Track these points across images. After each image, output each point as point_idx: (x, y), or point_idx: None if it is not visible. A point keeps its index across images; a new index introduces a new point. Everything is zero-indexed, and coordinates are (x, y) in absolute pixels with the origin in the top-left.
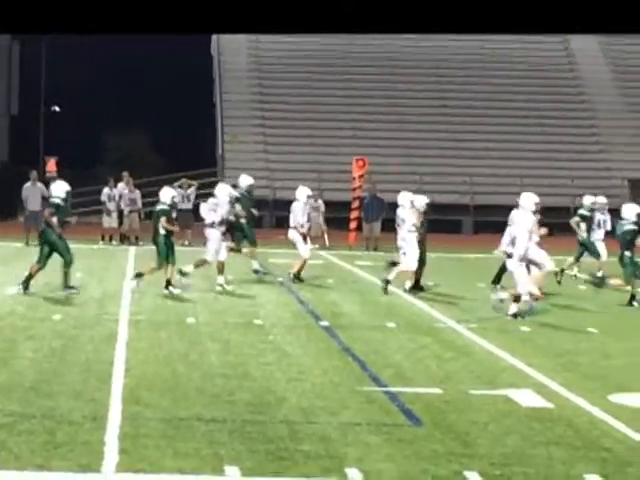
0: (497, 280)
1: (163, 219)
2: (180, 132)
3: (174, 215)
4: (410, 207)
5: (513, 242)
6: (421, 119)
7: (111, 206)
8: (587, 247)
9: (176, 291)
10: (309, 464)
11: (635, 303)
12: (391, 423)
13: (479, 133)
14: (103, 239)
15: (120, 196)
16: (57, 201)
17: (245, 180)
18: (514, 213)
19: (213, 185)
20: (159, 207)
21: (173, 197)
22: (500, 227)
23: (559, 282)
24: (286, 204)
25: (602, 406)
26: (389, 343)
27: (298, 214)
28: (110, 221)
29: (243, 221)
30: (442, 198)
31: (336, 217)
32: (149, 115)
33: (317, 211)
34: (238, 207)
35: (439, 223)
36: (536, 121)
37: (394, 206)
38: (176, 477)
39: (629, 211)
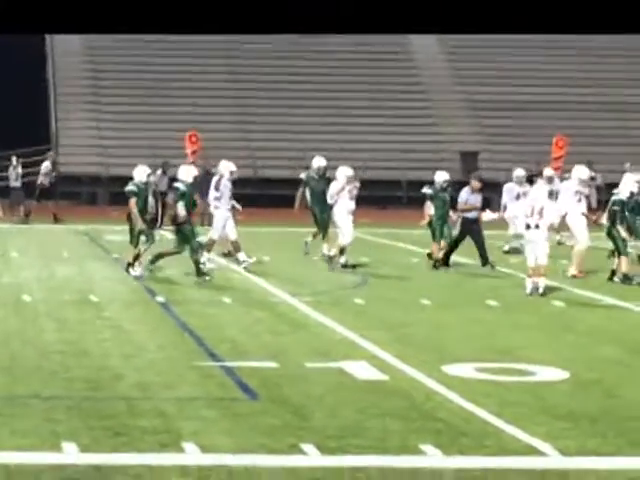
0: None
1: None
2: (11, 109)
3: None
4: (346, 181)
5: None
6: (256, 94)
7: None
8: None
9: (136, 273)
10: (146, 439)
11: (616, 278)
12: (227, 397)
13: (312, 108)
14: None
15: None
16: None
17: (317, 161)
18: (534, 187)
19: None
20: None
21: None
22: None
23: None
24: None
25: (436, 377)
26: (225, 318)
27: (225, 191)
28: None
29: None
30: (275, 173)
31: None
32: None
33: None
34: (306, 190)
35: (272, 198)
36: (368, 95)
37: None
38: (14, 455)
39: (624, 183)
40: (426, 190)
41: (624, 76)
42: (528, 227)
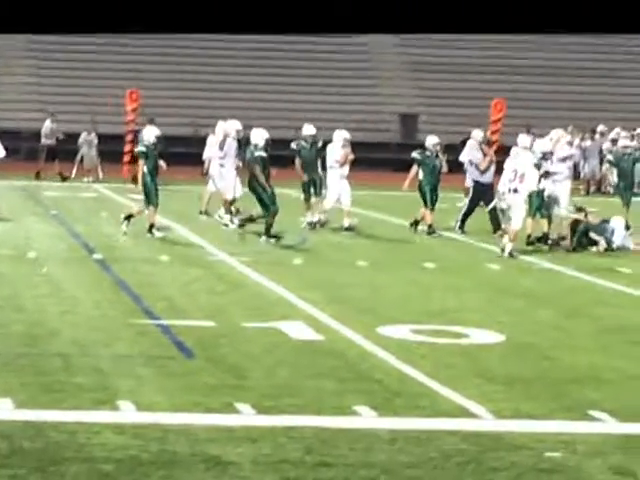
0: (498, 227)
1: None
2: None
3: None
4: (343, 145)
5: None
6: (196, 52)
7: None
8: None
9: (158, 234)
10: (82, 396)
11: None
12: (164, 356)
13: (252, 67)
14: None
15: None
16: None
17: (306, 130)
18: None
19: None
20: None
21: None
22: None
23: None
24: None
25: (372, 338)
26: (162, 276)
27: (230, 151)
28: None
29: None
30: None
31: (110, 150)
32: None
33: (90, 144)
34: (297, 161)
35: None
36: (308, 55)
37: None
38: None
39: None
40: (415, 155)
41: (564, 40)
42: (509, 190)
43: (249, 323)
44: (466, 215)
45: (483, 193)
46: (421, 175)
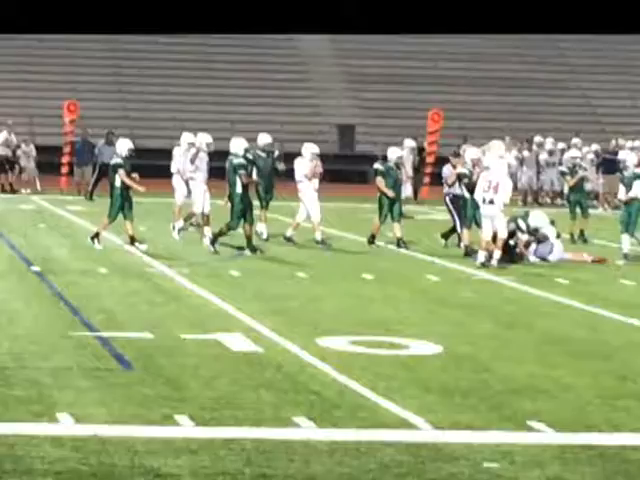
0: (447, 237)
1: None
2: None
3: None
4: (310, 158)
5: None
6: (135, 64)
7: None
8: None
9: (142, 247)
10: (20, 409)
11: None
12: (102, 368)
13: (190, 78)
14: None
15: None
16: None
17: (262, 138)
18: (488, 159)
19: None
20: None
21: None
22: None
23: None
24: None
25: (311, 350)
26: (101, 288)
27: (202, 164)
28: None
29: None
30: (153, 143)
31: (48, 161)
32: None
33: (28, 156)
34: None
35: (149, 168)
36: (246, 66)
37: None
38: None
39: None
40: (377, 166)
41: (501, 51)
42: (484, 201)
43: (188, 335)
44: (454, 230)
45: (458, 203)
46: (382, 185)
